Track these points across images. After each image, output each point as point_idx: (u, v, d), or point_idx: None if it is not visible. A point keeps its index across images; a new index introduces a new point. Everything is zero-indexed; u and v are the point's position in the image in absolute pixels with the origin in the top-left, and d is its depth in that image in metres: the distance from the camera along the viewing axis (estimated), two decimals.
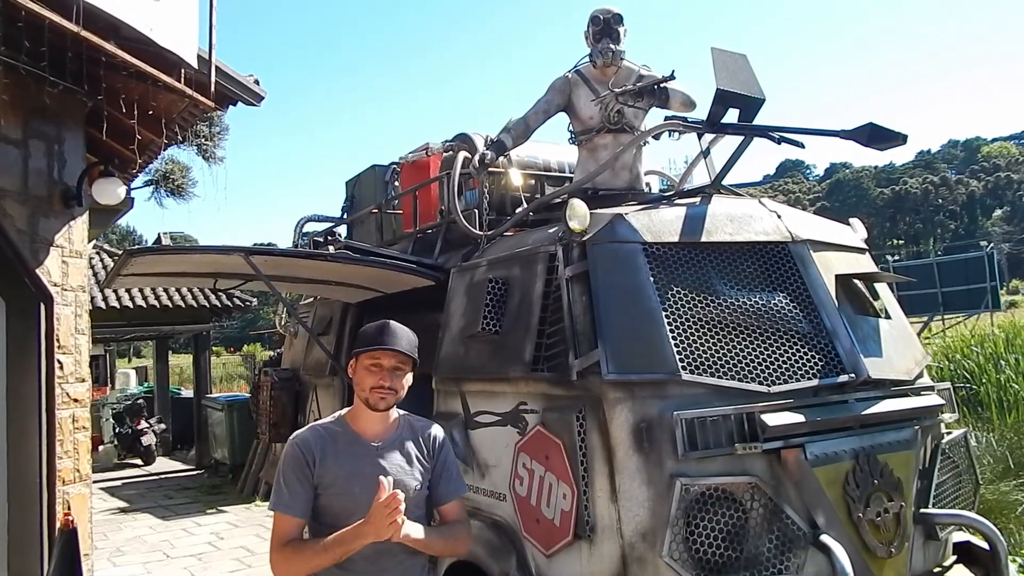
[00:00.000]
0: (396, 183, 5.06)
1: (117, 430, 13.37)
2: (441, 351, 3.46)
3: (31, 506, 4.90)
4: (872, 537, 2.51)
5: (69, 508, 5.02)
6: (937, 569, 2.92)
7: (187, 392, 16.64)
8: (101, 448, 12.99)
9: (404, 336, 2.14)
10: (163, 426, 13.58)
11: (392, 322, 2.16)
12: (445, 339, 3.46)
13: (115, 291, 12.10)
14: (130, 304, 12.30)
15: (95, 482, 6.20)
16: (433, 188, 4.39)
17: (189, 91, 4.86)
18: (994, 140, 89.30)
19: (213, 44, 5.02)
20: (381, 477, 1.95)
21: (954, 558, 3.02)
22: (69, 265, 5.27)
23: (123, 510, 9.27)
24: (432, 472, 2.20)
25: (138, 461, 13.01)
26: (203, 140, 6.41)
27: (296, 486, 2.02)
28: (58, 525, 4.84)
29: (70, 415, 5.19)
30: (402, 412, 2.24)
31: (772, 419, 2.47)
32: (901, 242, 70.82)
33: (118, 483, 11.28)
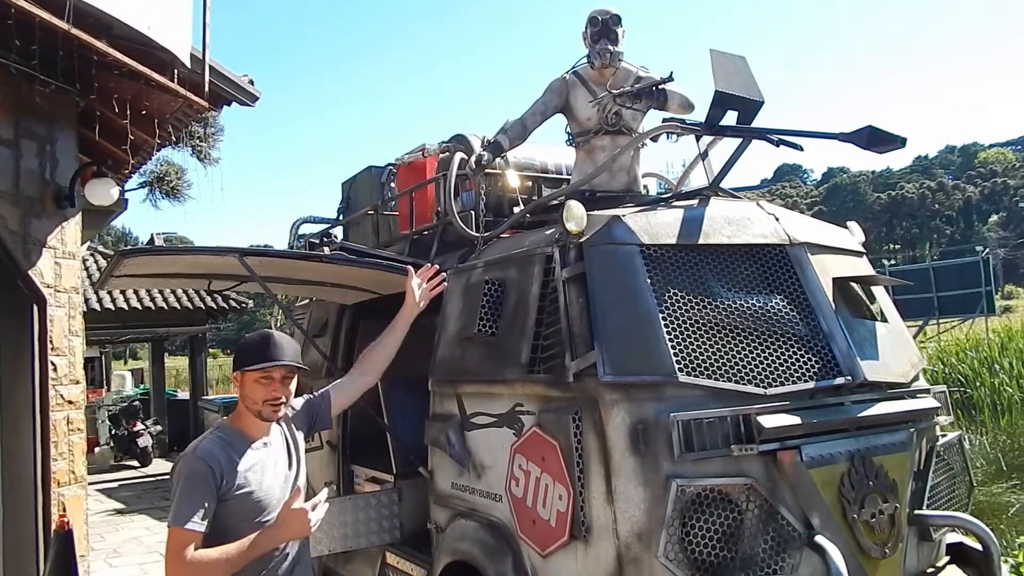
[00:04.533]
0: (392, 184, 5.05)
1: (113, 432, 13.34)
2: (437, 353, 3.45)
3: (26, 508, 4.89)
4: (867, 538, 2.52)
5: (64, 510, 5.00)
6: (931, 570, 2.93)
7: (183, 394, 16.62)
8: (97, 450, 12.96)
9: (290, 346, 2.20)
10: (159, 428, 13.55)
11: (275, 333, 2.23)
12: (441, 341, 3.45)
13: (110, 293, 12.07)
14: (125, 306, 12.28)
15: (91, 484, 6.19)
16: (429, 189, 4.39)
17: (182, 91, 4.82)
18: (991, 146, 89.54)
19: (207, 44, 4.98)
20: (297, 484, 2.16)
21: (947, 559, 3.03)
22: (62, 266, 5.24)
23: (120, 511, 9.27)
24: (312, 426, 2.43)
25: (134, 463, 12.98)
26: (198, 141, 6.38)
27: (202, 499, 2.01)
28: (53, 527, 4.83)
29: (64, 417, 5.17)
30: None
31: (768, 421, 2.47)
32: (897, 247, 71.05)
33: (115, 485, 11.27)
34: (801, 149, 3.20)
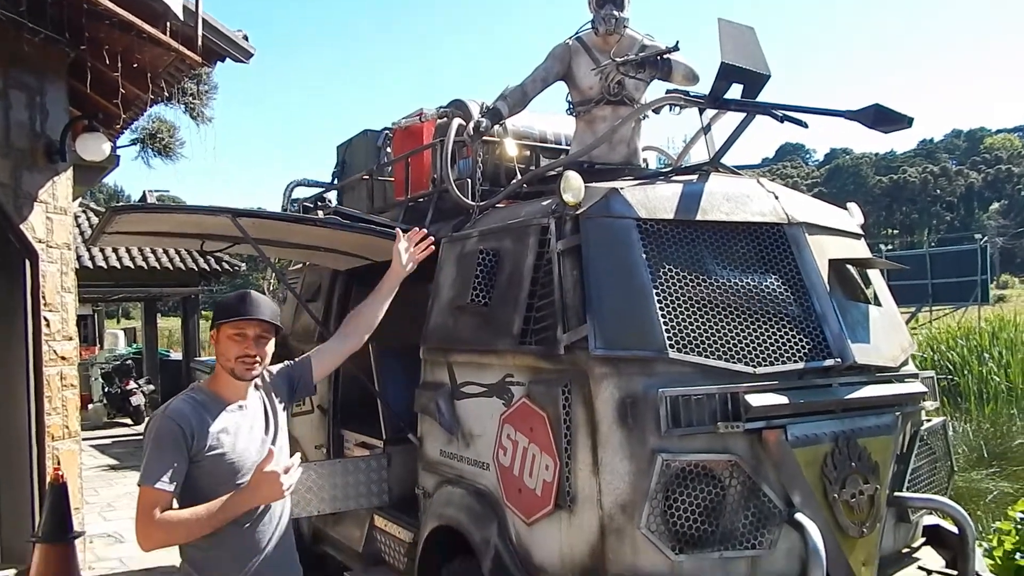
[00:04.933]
0: (388, 149, 4.99)
1: (106, 390, 13.40)
2: (430, 321, 3.45)
3: (21, 461, 4.94)
4: (845, 517, 2.55)
5: (59, 463, 5.04)
6: (906, 550, 2.98)
7: (176, 355, 16.65)
8: (91, 407, 13.03)
9: (267, 305, 2.17)
10: (152, 387, 13.60)
11: (252, 292, 2.20)
12: (434, 309, 3.45)
13: (102, 251, 12.02)
14: (118, 265, 12.24)
15: (85, 440, 6.23)
16: (426, 156, 4.34)
17: (175, 44, 4.71)
18: (998, 132, 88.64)
19: None
20: (271, 447, 2.09)
21: (923, 540, 3.09)
22: (54, 222, 5.19)
23: (113, 467, 9.37)
24: (294, 391, 2.38)
25: (127, 420, 13.06)
26: (191, 98, 6.27)
27: (172, 459, 1.98)
28: (48, 480, 4.86)
29: (58, 372, 5.18)
30: None
31: (756, 400, 2.49)
32: (896, 232, 70.92)
33: (108, 441, 11.36)
34: (806, 126, 3.15)
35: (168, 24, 4.69)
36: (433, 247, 2.76)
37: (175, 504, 2.01)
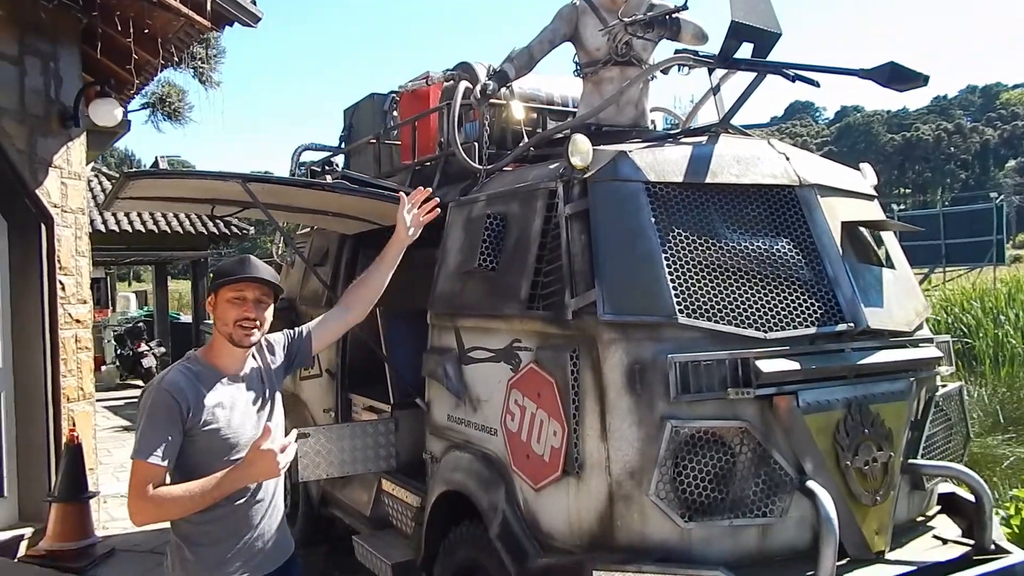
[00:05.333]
0: (395, 113, 4.93)
1: (119, 352, 13.57)
2: (437, 286, 3.43)
3: (38, 422, 5.03)
4: (858, 485, 2.52)
5: (74, 424, 5.12)
6: (920, 518, 2.95)
7: (186, 317, 16.79)
8: (103, 368, 13.22)
9: (265, 268, 2.11)
10: (163, 349, 13.75)
11: (251, 256, 2.15)
12: (441, 274, 3.42)
13: (115, 215, 12.07)
14: (129, 228, 12.31)
15: (98, 401, 6.30)
16: (433, 119, 4.27)
17: (185, 9, 4.73)
18: (1015, 87, 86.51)
19: None
20: (268, 423, 2.01)
21: (938, 508, 3.05)
22: (68, 187, 5.22)
23: (126, 428, 9.52)
24: (291, 364, 2.32)
25: (139, 382, 13.24)
26: (200, 63, 6.24)
27: (166, 432, 1.93)
28: (64, 440, 4.95)
29: (73, 335, 5.24)
30: None
31: (766, 365, 2.45)
32: (909, 191, 70.02)
33: (120, 403, 11.53)
34: (818, 85, 3.06)
35: None
36: (439, 210, 2.67)
37: (168, 479, 1.98)
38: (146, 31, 4.84)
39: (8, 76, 4.75)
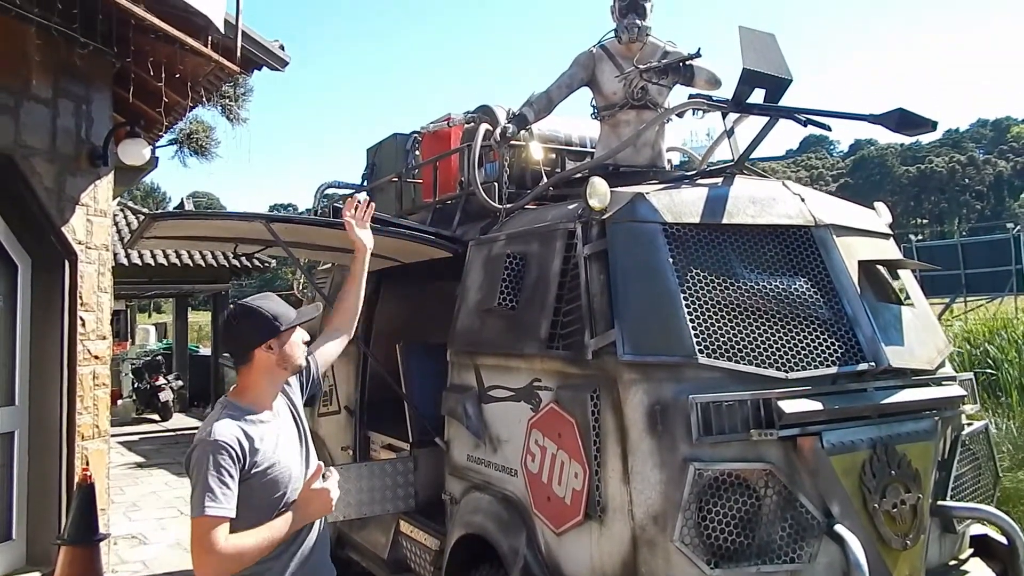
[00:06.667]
0: (417, 152, 5.02)
1: (136, 385, 13.61)
2: (457, 324, 3.45)
3: (51, 460, 5.02)
4: (887, 528, 2.48)
5: (88, 463, 5.12)
6: (953, 562, 2.89)
7: (205, 350, 16.88)
8: (120, 402, 13.25)
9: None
10: (180, 383, 13.81)
11: (263, 296, 2.25)
12: (461, 312, 3.45)
13: (138, 250, 12.21)
14: (152, 262, 12.45)
15: (113, 436, 6.33)
16: (453, 159, 4.35)
17: (215, 56, 4.88)
18: None
19: (240, 9, 5.07)
20: (319, 462, 2.14)
21: (971, 551, 2.98)
22: (94, 224, 5.32)
23: (140, 465, 9.48)
24: (310, 390, 2.39)
25: (155, 416, 13.27)
26: (227, 101, 6.41)
27: (229, 487, 1.97)
28: (77, 480, 4.93)
29: (91, 372, 5.28)
30: None
31: (789, 406, 2.44)
32: (925, 221, 69.59)
33: (135, 438, 11.53)
34: (829, 129, 3.17)
35: (209, 36, 4.83)
36: (374, 204, 2.76)
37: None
38: (177, 75, 4.98)
39: (41, 117, 4.89)
